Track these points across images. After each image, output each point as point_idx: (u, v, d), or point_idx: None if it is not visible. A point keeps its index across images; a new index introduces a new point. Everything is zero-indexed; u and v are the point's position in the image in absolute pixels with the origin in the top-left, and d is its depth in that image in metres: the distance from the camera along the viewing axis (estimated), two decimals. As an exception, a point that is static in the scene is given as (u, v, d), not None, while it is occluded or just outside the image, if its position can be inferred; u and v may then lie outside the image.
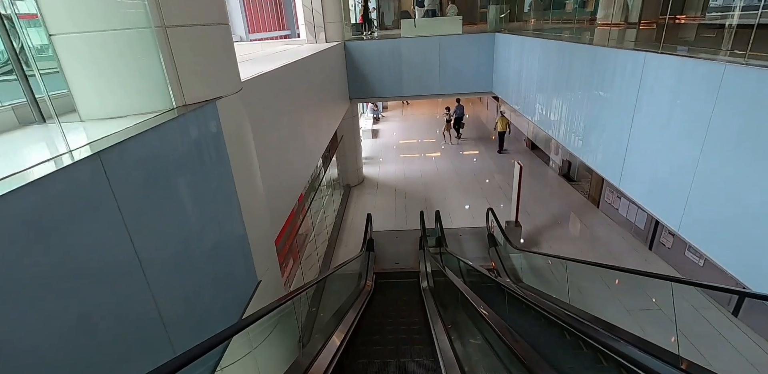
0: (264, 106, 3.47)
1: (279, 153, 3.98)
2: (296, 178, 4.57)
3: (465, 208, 9.71)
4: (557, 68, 5.76)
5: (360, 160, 11.44)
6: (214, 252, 2.28)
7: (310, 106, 5.50)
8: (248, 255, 2.79)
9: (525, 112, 7.41)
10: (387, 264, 7.77)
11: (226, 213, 2.44)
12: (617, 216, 8.41)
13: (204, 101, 2.05)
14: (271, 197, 3.60)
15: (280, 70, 4.06)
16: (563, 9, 9.91)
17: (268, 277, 3.18)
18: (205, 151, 2.08)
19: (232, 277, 2.64)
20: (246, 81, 2.88)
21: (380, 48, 9.33)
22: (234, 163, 2.44)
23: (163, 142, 1.69)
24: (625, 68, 3.84)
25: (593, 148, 4.82)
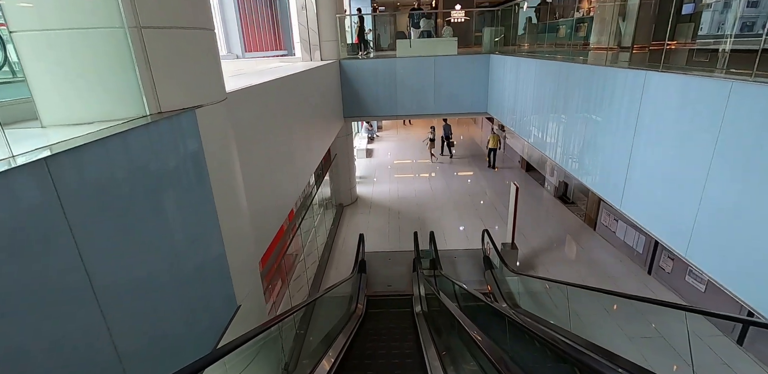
0: (251, 120, 3.33)
1: (266, 170, 3.81)
2: (284, 197, 4.38)
3: (460, 229, 9.51)
4: (553, 88, 5.74)
5: (353, 179, 11.29)
6: (187, 275, 2.07)
7: (301, 123, 5.38)
8: (227, 278, 2.56)
9: (520, 133, 7.36)
10: (379, 287, 7.48)
11: (203, 234, 2.23)
12: (615, 240, 8.24)
13: (181, 109, 1.90)
14: (257, 217, 3.41)
15: (270, 84, 3.95)
16: (556, 33, 10.10)
17: (249, 301, 2.95)
18: (180, 164, 1.91)
19: (208, 302, 2.41)
20: (232, 93, 2.74)
21: (375, 67, 9.36)
22: (214, 179, 2.26)
23: (128, 151, 1.52)
24: (625, 87, 3.77)
25: (592, 168, 4.71)
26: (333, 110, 8.30)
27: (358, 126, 19.13)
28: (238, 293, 2.76)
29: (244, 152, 3.25)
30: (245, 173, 3.16)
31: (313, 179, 9.12)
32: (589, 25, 9.43)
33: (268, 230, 3.83)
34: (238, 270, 2.73)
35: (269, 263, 6.17)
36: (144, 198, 1.64)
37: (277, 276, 6.89)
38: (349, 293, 7.13)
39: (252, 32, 12.08)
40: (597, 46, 7.75)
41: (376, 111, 9.76)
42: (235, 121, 2.86)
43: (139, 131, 1.57)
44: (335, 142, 10.27)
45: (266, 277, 6.26)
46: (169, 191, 1.81)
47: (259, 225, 3.54)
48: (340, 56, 9.35)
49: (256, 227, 3.40)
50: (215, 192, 2.29)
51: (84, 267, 1.36)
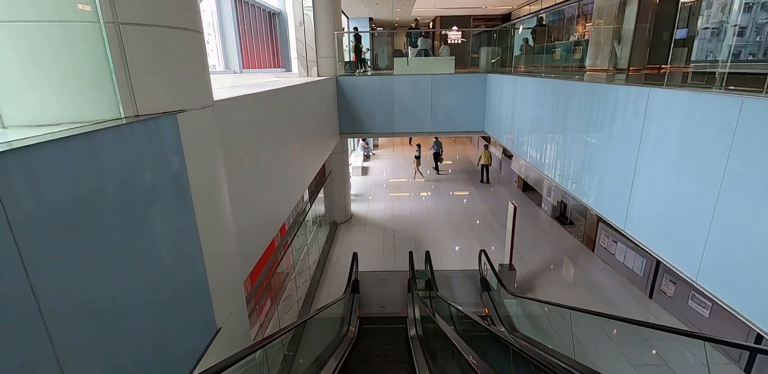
0: (240, 131, 3.19)
1: (256, 185, 3.65)
2: (275, 214, 4.20)
3: (456, 249, 9.30)
4: (553, 107, 5.69)
5: (348, 197, 11.12)
6: (158, 297, 1.87)
7: (295, 137, 5.26)
8: (207, 300, 2.36)
9: (518, 153, 7.28)
10: (372, 308, 7.20)
11: (179, 253, 2.04)
12: (614, 262, 8.06)
13: (161, 113, 1.75)
14: (244, 234, 3.23)
15: (263, 95, 3.84)
16: (552, 55, 10.24)
17: (232, 323, 2.72)
18: (157, 174, 1.74)
19: (184, 326, 2.19)
20: (220, 101, 2.61)
21: (372, 84, 9.36)
22: (196, 192, 2.09)
23: (94, 156, 1.36)
24: (627, 104, 3.69)
25: (593, 188, 4.59)
26: (329, 126, 8.23)
27: (354, 143, 19.12)
28: (219, 315, 2.54)
29: (232, 164, 3.10)
30: (232, 187, 2.99)
31: (307, 195, 8.94)
32: (584, 48, 9.58)
33: (255, 248, 3.63)
34: (220, 291, 2.52)
35: (258, 281, 5.93)
36: (111, 210, 1.47)
37: (266, 296, 6.61)
38: (341, 314, 6.84)
39: (251, 49, 12.17)
40: (593, 67, 7.83)
41: (372, 128, 9.71)
42: (222, 130, 2.72)
43: (108, 133, 1.41)
44: (330, 159, 10.16)
45: (255, 296, 5.98)
46: (141, 204, 1.64)
47: (246, 243, 3.35)
48: (337, 73, 9.37)
49: (243, 245, 3.21)
50: (197, 206, 2.12)
51: (30, 287, 1.17)
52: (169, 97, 1.81)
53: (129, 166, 1.56)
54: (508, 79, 7.96)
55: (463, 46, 14.40)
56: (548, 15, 10.71)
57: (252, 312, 5.97)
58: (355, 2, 13.74)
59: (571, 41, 10.56)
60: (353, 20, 16.84)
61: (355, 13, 16.02)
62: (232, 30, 11.26)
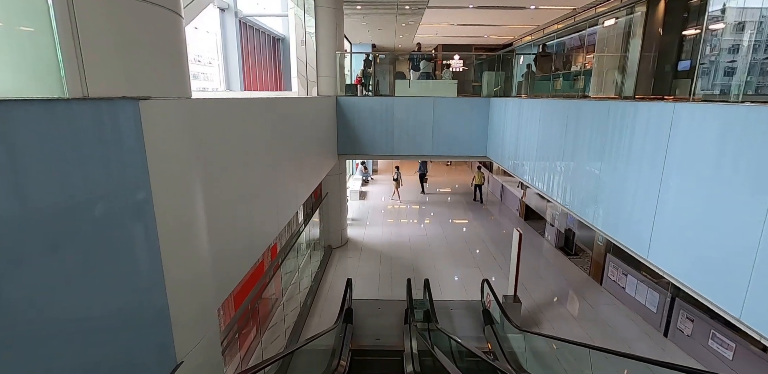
0: (224, 139, 2.89)
1: (240, 202, 3.31)
2: (259, 236, 3.82)
3: (456, 279, 8.81)
4: (561, 129, 5.45)
5: (344, 220, 10.73)
6: (99, 328, 1.49)
7: (288, 154, 4.96)
8: (164, 329, 1.96)
9: (523, 178, 6.99)
10: (366, 340, 6.65)
11: (131, 277, 1.68)
12: (624, 296, 7.58)
13: (118, 97, 1.44)
14: (222, 255, 2.86)
15: (255, 102, 3.58)
16: (554, 83, 10.21)
17: (197, 356, 2.29)
18: (103, 171, 1.41)
19: (130, 362, 1.78)
20: (202, 100, 2.32)
21: (373, 105, 9.22)
22: (161, 201, 1.75)
23: (9, 141, 1.03)
24: (649, 122, 3.43)
25: (609, 214, 4.25)
26: (326, 145, 7.98)
27: (353, 168, 18.92)
28: (180, 346, 2.13)
29: (213, 175, 2.77)
30: (211, 201, 2.65)
31: (302, 217, 8.56)
32: (586, 78, 9.55)
33: (235, 271, 3.24)
34: (184, 319, 2.13)
35: (243, 306, 5.44)
36: (32, 221, 1.12)
37: (251, 323, 6.09)
38: (332, 346, 6.30)
39: (253, 72, 12.20)
40: (597, 96, 7.71)
41: (372, 150, 9.48)
42: (202, 133, 2.42)
43: (33, 111, 1.09)
44: (327, 180, 9.85)
45: (238, 322, 5.48)
46: (78, 213, 1.30)
47: (224, 265, 2.97)
48: (338, 93, 9.25)
49: (220, 267, 2.83)
50: (159, 217, 1.77)
51: None
52: (130, 79, 1.51)
53: (64, 157, 1.23)
54: (512, 103, 7.81)
55: (464, 74, 14.52)
56: (552, 45, 10.79)
57: (233, 340, 5.45)
58: (358, 28, 13.94)
59: (574, 70, 10.55)
60: (356, 46, 17.10)
61: (358, 39, 16.27)
62: (236, 52, 11.30)
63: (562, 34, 12.61)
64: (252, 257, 3.59)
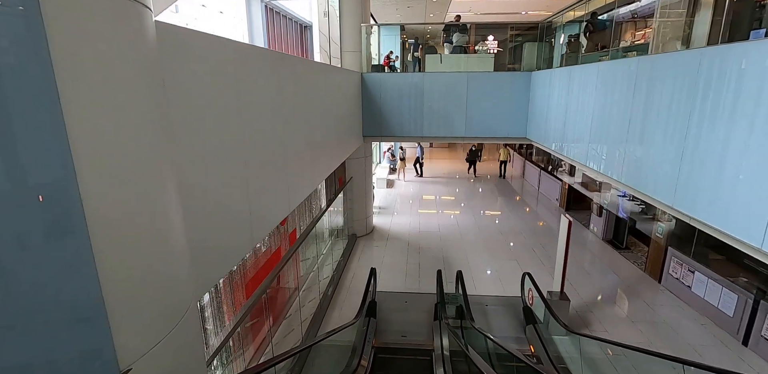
0: (215, 89, 2.27)
1: (234, 175, 2.69)
2: (260, 220, 3.18)
3: (491, 272, 8.00)
4: (626, 94, 4.54)
5: (370, 207, 10.07)
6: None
7: (300, 126, 4.30)
8: (102, 332, 1.34)
9: (574, 159, 6.08)
10: (391, 337, 5.99)
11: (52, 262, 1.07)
12: (690, 297, 6.56)
13: None
14: (204, 245, 2.26)
15: (260, 52, 2.97)
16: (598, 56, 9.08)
17: (152, 363, 1.67)
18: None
19: (53, 367, 1.17)
20: (167, 25, 1.69)
21: (401, 82, 8.46)
22: (86, 153, 1.14)
23: None
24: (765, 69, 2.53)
25: (700, 195, 3.36)
26: (350, 125, 7.30)
27: (380, 156, 18.25)
28: (129, 352, 1.50)
29: (193, 134, 2.15)
30: (189, 169, 2.03)
31: (324, 202, 7.96)
32: (640, 54, 8.40)
33: (223, 262, 2.62)
34: (135, 319, 1.50)
35: (256, 295, 4.87)
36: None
37: (264, 314, 5.55)
38: (353, 342, 5.68)
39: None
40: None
41: (400, 131, 8.74)
42: (173, 78, 1.78)
43: None
44: (352, 164, 9.21)
45: (251, 314, 4.93)
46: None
47: (208, 256, 2.36)
48: (363, 69, 8.53)
49: (201, 258, 2.22)
50: (86, 182, 1.14)
51: None
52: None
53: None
54: (559, 73, 6.86)
55: (499, 56, 13.48)
56: (602, 19, 9.61)
57: (244, 333, 4.91)
58: (386, 5, 13.12)
59: (624, 46, 9.38)
60: (384, 28, 16.27)
61: (385, 20, 15.44)
62: (261, 38, 10.78)
63: (613, 6, 11.35)
64: (248, 244, 2.96)
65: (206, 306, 4.02)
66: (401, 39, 19.32)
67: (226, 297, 4.63)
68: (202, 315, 3.91)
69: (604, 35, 9.37)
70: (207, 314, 4.07)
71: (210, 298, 4.05)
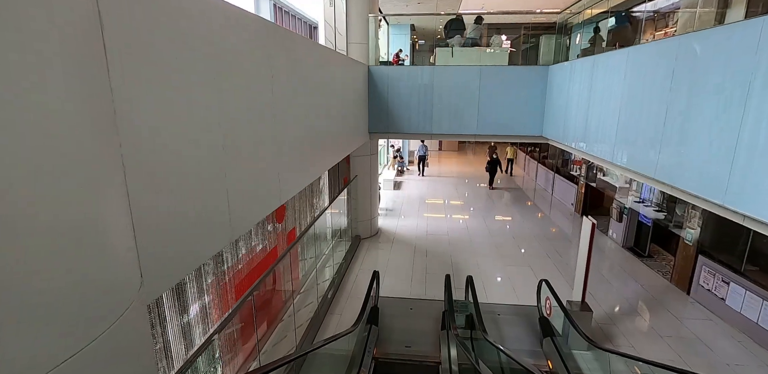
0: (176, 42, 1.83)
1: (207, 157, 2.27)
2: (240, 211, 2.73)
3: (504, 278, 7.46)
4: (663, 79, 4.04)
5: (375, 208, 9.59)
6: None
7: (298, 107, 3.87)
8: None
9: (600, 155, 5.56)
10: (393, 347, 5.47)
11: None
12: (724, 310, 5.96)
13: None
14: (157, 239, 1.83)
15: (247, 16, 2.54)
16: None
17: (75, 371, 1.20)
18: None
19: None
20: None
21: (409, 76, 8.02)
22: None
23: None
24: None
25: (765, 187, 2.84)
26: (354, 119, 6.87)
27: (387, 158, 17.82)
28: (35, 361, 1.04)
29: (160, 101, 1.72)
30: (148, 160, 1.60)
31: (327, 200, 7.52)
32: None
33: (186, 259, 2.18)
34: (42, 324, 1.05)
35: (245, 297, 4.41)
36: None
37: (255, 319, 5.08)
38: (351, 352, 5.18)
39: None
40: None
41: (408, 128, 8.28)
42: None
43: None
44: (357, 162, 8.77)
45: (241, 317, 4.46)
46: None
47: (165, 253, 1.93)
48: (369, 62, 8.12)
49: (154, 255, 1.79)
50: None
51: None
52: None
53: None
54: (580, 64, 6.37)
55: (512, 57, 13.02)
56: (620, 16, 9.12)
57: (232, 339, 4.44)
58: (396, 1, 12.77)
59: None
60: (393, 27, 15.93)
61: (395, 18, 15.09)
62: None
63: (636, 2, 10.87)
64: (221, 239, 2.51)
65: (188, 309, 3.56)
66: (411, 40, 18.98)
67: (214, 299, 4.17)
68: (184, 320, 3.44)
69: (626, 32, 8.85)
70: (190, 318, 3.61)
71: (189, 301, 3.58)
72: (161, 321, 3.11)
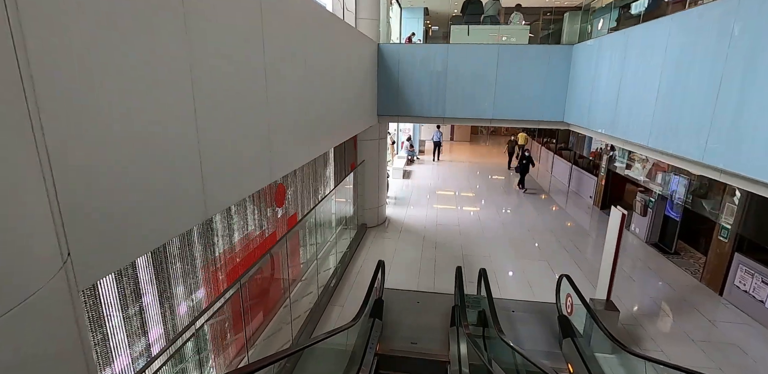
0: None
1: (184, 120, 1.85)
2: (216, 190, 2.31)
3: (519, 273, 6.99)
4: (718, 47, 3.48)
5: (383, 195, 9.14)
6: None
7: (296, 80, 3.41)
8: None
9: (633, 139, 5.01)
10: (399, 343, 5.06)
11: None
12: (764, 314, 5.41)
13: None
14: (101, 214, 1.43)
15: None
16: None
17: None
18: None
19: None
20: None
21: (422, 54, 7.50)
22: None
23: None
24: None
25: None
26: (361, 98, 6.39)
27: (398, 146, 17.32)
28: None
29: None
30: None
31: (332, 183, 7.09)
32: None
33: (152, 232, 1.77)
34: None
35: (234, 285, 4.02)
36: None
37: (254, 307, 4.71)
38: (352, 348, 4.79)
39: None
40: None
41: (419, 111, 7.78)
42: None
43: None
44: (364, 147, 8.31)
45: (233, 306, 4.08)
46: None
47: (127, 220, 1.54)
48: (380, 39, 7.60)
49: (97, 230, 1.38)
50: None
51: None
52: None
53: None
54: (610, 40, 5.77)
55: (530, 43, 12.33)
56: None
57: (222, 329, 4.06)
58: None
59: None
60: (407, 10, 15.27)
61: (408, 2, 14.42)
62: None
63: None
64: (190, 218, 2.09)
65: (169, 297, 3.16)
66: (424, 26, 18.24)
67: (203, 287, 3.78)
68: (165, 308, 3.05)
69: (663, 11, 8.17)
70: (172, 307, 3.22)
71: (169, 289, 3.19)
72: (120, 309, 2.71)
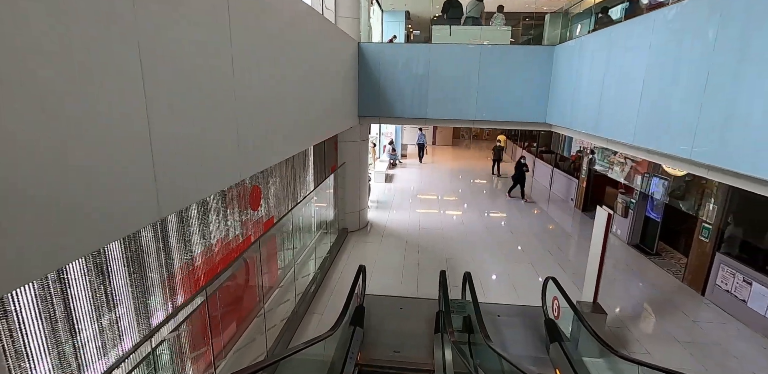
0: None
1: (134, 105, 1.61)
2: (176, 186, 2.06)
3: (503, 276, 6.85)
4: (704, 42, 3.42)
5: (364, 199, 8.92)
6: None
7: (268, 75, 3.18)
8: None
9: (617, 138, 4.95)
10: (381, 352, 4.83)
11: None
12: (746, 313, 5.41)
13: None
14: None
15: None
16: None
17: None
18: None
19: None
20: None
21: (403, 54, 7.36)
22: None
23: None
24: None
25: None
26: (342, 96, 6.19)
27: (380, 150, 17.15)
28: None
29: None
30: None
31: (312, 184, 6.83)
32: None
33: (91, 232, 1.51)
34: None
35: (204, 289, 3.72)
36: None
37: (227, 317, 4.40)
38: (331, 358, 4.53)
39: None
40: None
41: (401, 112, 7.63)
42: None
43: None
44: (345, 148, 8.09)
45: (201, 314, 3.77)
46: None
47: (57, 216, 1.27)
48: (360, 38, 7.44)
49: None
50: None
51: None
52: None
53: None
54: (593, 39, 5.74)
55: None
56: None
57: (189, 340, 3.74)
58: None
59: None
60: (388, 14, 15.20)
61: (390, 4, 14.36)
62: None
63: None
64: (140, 217, 1.83)
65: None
66: (406, 30, 18.24)
67: (162, 295, 3.46)
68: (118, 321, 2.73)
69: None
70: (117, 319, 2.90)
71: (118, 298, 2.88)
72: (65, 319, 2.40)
